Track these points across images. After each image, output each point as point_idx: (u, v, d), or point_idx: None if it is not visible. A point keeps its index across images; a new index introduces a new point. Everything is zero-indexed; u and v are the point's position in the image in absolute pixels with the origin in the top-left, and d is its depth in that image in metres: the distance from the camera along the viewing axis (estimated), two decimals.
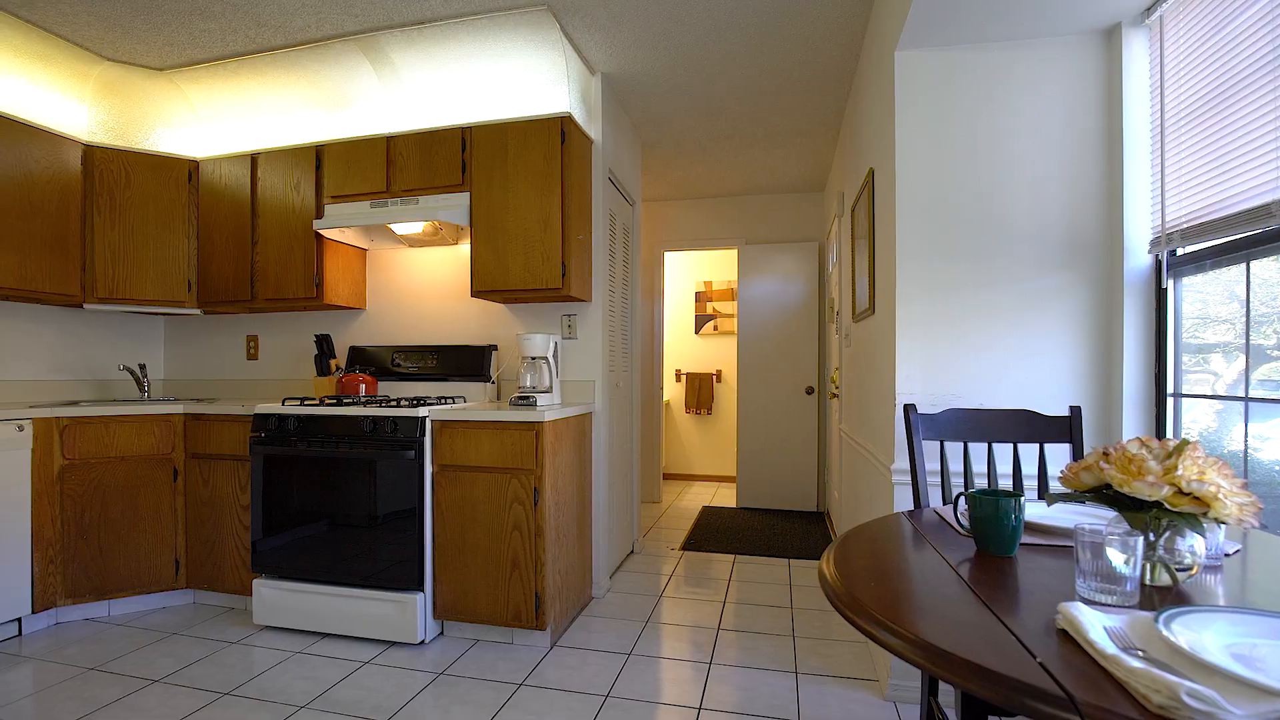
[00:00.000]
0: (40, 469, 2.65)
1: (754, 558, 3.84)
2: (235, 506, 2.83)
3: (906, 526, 1.38)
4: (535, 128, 2.73)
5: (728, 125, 3.77)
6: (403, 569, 2.51)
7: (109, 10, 2.60)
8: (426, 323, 3.30)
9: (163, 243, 3.21)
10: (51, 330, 3.26)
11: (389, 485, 2.52)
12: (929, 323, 2.10)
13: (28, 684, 2.25)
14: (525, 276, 2.75)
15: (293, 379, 3.53)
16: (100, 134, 3.14)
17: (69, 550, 2.72)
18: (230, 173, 3.20)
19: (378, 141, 2.94)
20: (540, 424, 2.42)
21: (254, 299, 3.17)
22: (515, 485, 2.44)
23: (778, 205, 5.30)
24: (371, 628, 2.54)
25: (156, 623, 2.79)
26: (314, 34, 2.76)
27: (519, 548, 2.45)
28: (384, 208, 2.89)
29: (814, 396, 5.07)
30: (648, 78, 3.16)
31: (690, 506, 5.30)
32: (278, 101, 3.15)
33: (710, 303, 6.48)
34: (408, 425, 2.50)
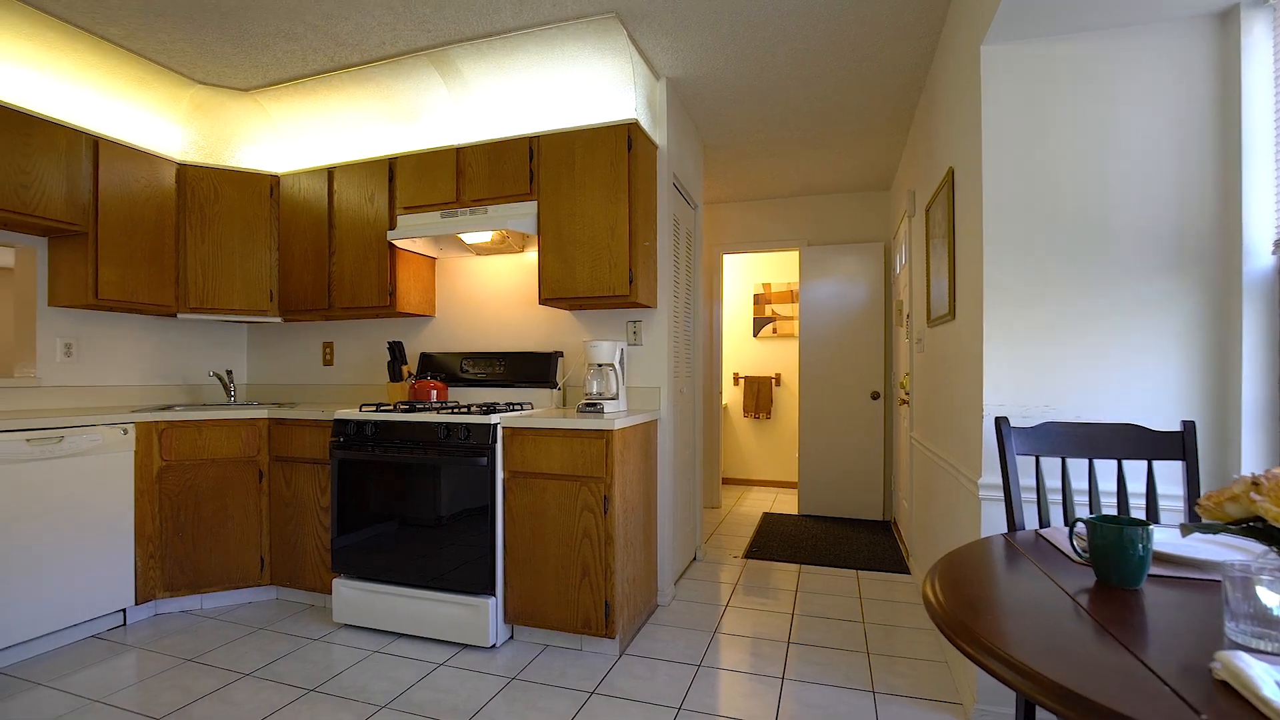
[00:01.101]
0: (142, 469, 2.81)
1: (819, 568, 3.74)
2: (315, 508, 2.94)
3: (1010, 551, 1.30)
4: (602, 135, 2.73)
5: (792, 125, 3.70)
6: (474, 573, 2.55)
7: (202, 37, 2.75)
8: (493, 329, 3.36)
9: (247, 255, 3.37)
10: (148, 338, 3.47)
11: (461, 490, 2.57)
12: (1019, 330, 1.99)
13: (133, 672, 2.39)
14: (592, 284, 2.76)
15: (366, 384, 3.65)
16: (192, 153, 3.32)
17: (166, 546, 2.88)
18: (309, 186, 3.33)
19: (448, 153, 3.00)
20: (610, 432, 2.42)
21: (331, 307, 3.29)
22: (585, 493, 2.45)
23: (841, 205, 5.17)
24: (444, 630, 2.60)
25: (244, 617, 2.93)
26: (388, 50, 2.85)
27: (589, 555, 2.46)
28: (454, 218, 2.95)
29: (879, 402, 4.92)
30: (712, 81, 3.12)
31: (750, 512, 5.22)
32: (352, 116, 3.26)
33: (769, 305, 6.38)
34: (480, 432, 2.54)
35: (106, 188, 2.93)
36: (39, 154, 2.69)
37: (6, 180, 2.58)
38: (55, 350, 3.05)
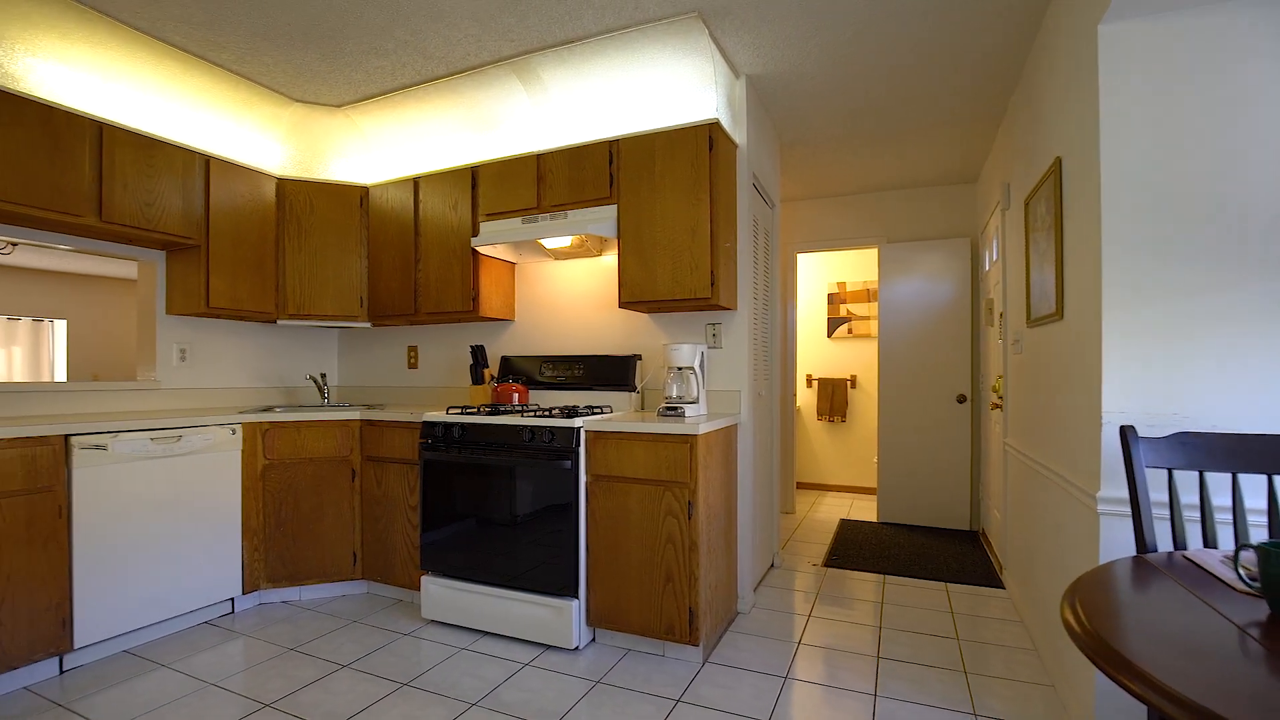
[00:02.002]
0: (248, 467, 2.99)
1: (905, 579, 3.59)
2: (405, 507, 3.04)
3: (1155, 574, 1.19)
4: (682, 136, 2.71)
5: (873, 119, 3.56)
6: (557, 575, 2.57)
7: (302, 57, 2.89)
8: (570, 333, 3.39)
9: (340, 263, 3.53)
10: (250, 343, 3.68)
11: (545, 492, 2.60)
12: (1142, 330, 1.83)
13: (243, 658, 2.54)
14: (673, 286, 2.73)
15: (448, 387, 3.76)
16: (290, 167, 3.51)
17: (269, 540, 3.05)
18: (396, 196, 3.46)
19: (528, 159, 3.05)
20: (695, 437, 2.39)
21: (416, 312, 3.40)
22: (669, 498, 2.43)
23: (922, 200, 4.95)
24: (528, 630, 2.63)
25: (339, 609, 3.06)
26: (473, 61, 2.92)
27: (672, 561, 2.44)
28: (535, 223, 3.00)
29: (966, 405, 4.68)
30: (792, 76, 3.04)
31: (826, 519, 5.08)
32: (435, 126, 3.36)
33: (844, 305, 6.20)
34: (564, 435, 2.56)
35: (216, 203, 3.13)
36: (160, 174, 2.90)
37: (133, 199, 2.80)
38: (172, 355, 3.29)
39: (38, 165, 2.50)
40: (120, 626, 2.51)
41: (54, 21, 2.53)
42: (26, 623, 2.24)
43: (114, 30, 2.65)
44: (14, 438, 2.22)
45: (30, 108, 2.49)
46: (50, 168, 2.54)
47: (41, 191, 2.52)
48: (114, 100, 2.80)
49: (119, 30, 2.66)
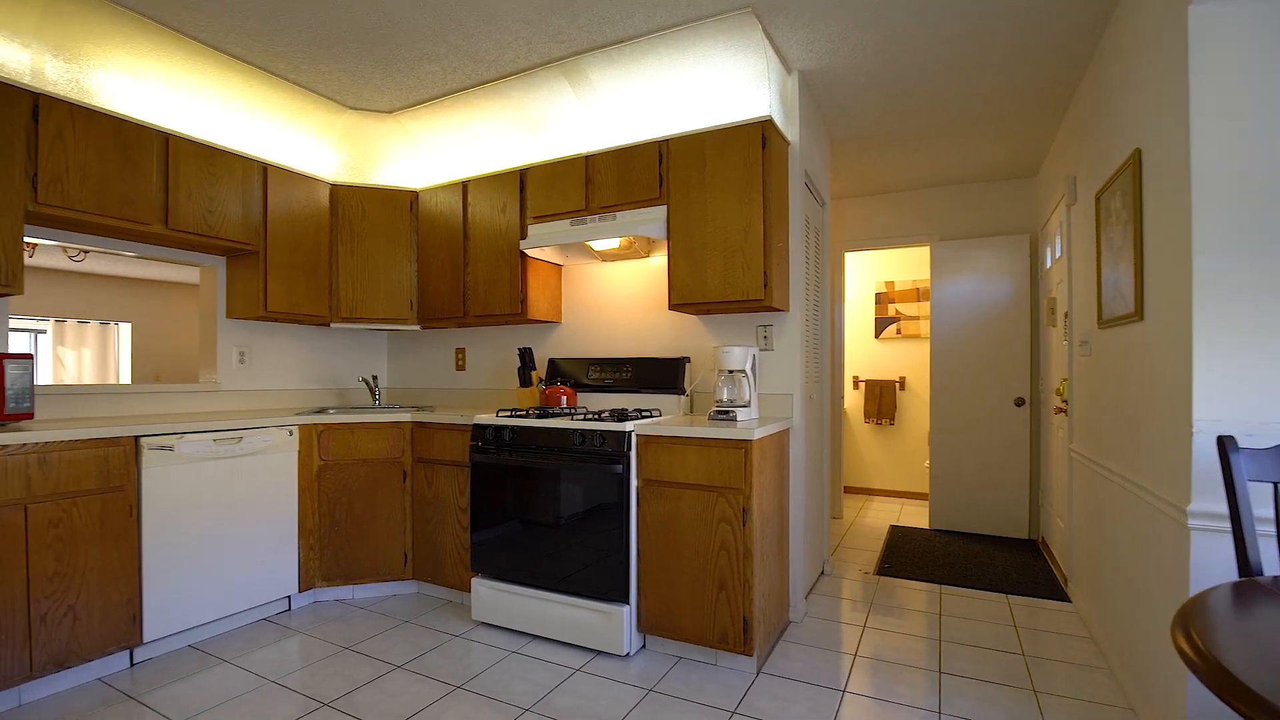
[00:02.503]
0: (304, 468, 3.05)
1: (962, 590, 3.46)
2: (455, 508, 3.06)
3: (1275, 600, 1.09)
4: (734, 135, 2.65)
5: (928, 112, 3.45)
6: (608, 580, 2.55)
7: (356, 65, 2.94)
8: (618, 335, 3.36)
9: (390, 267, 3.58)
10: (304, 346, 3.77)
11: (595, 496, 2.58)
12: (1238, 333, 1.71)
13: (300, 656, 2.58)
14: (724, 288, 2.68)
15: (495, 389, 3.77)
16: (343, 173, 3.58)
17: (324, 540, 3.11)
18: (445, 200, 3.49)
19: (577, 161, 3.03)
20: (750, 442, 2.33)
21: (465, 315, 3.43)
22: (723, 504, 2.38)
23: (977, 195, 4.78)
24: (578, 634, 2.62)
25: (390, 609, 3.10)
26: (522, 64, 2.92)
27: (726, 568, 2.39)
28: (583, 225, 2.98)
29: (1025, 409, 4.50)
30: (846, 70, 2.96)
31: (875, 525, 4.95)
32: (483, 129, 3.38)
33: (892, 304, 6.03)
34: (614, 439, 2.53)
35: (274, 209, 3.20)
36: (221, 182, 2.98)
37: (197, 207, 2.88)
38: (232, 358, 3.38)
39: (109, 176, 2.60)
40: (185, 622, 2.59)
41: (125, 36, 2.62)
42: (100, 617, 2.32)
43: (179, 43, 2.73)
44: (89, 439, 2.30)
45: (103, 121, 2.58)
46: (121, 178, 2.63)
47: (113, 202, 2.61)
48: (178, 110, 2.89)
49: (184, 43, 2.74)
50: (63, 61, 2.53)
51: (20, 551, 2.12)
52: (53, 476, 2.20)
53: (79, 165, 2.51)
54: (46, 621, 2.18)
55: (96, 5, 2.49)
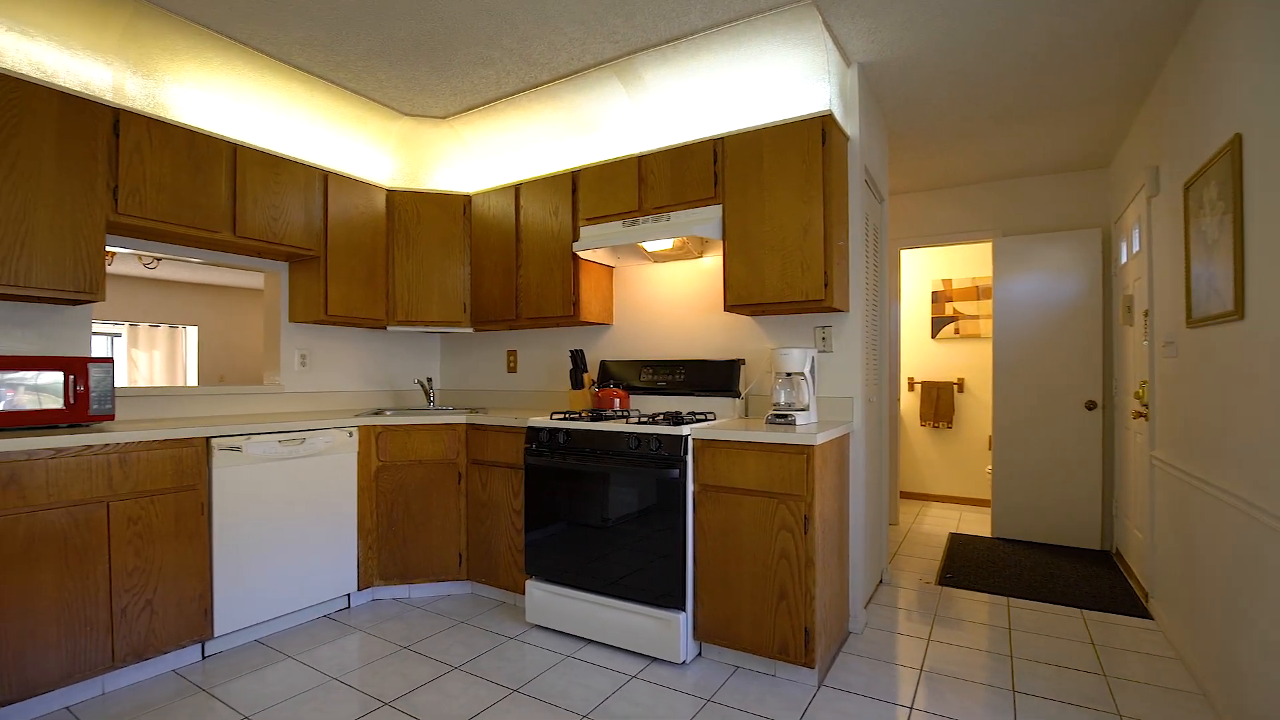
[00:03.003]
0: (363, 468, 3.11)
1: (1031, 603, 3.29)
2: (508, 510, 3.07)
3: None
4: (792, 131, 2.58)
5: (991, 103, 3.29)
6: (664, 587, 2.51)
7: (413, 72, 2.98)
8: (669, 337, 3.32)
9: (444, 270, 3.62)
10: (361, 349, 3.85)
11: (650, 501, 2.54)
12: None
13: (361, 654, 2.62)
14: (782, 288, 2.61)
15: (546, 390, 3.78)
16: (398, 179, 3.64)
17: (382, 539, 3.16)
18: (497, 204, 3.52)
19: (629, 162, 3.01)
20: (812, 448, 2.26)
21: (518, 318, 3.44)
22: (783, 511, 2.31)
23: (1043, 189, 4.56)
24: (633, 640, 2.58)
25: (445, 609, 3.13)
26: (575, 65, 2.91)
27: (786, 577, 2.32)
28: (636, 226, 2.95)
29: (1097, 412, 4.26)
30: (908, 62, 2.85)
31: (933, 532, 4.77)
32: (536, 132, 3.39)
33: (950, 303, 5.82)
34: (670, 443, 2.49)
35: (334, 215, 3.28)
36: (284, 190, 3.06)
37: (262, 215, 2.97)
38: (294, 361, 3.48)
39: (182, 186, 2.70)
40: (252, 618, 2.66)
41: (196, 51, 2.71)
42: (175, 611, 2.41)
43: (247, 56, 2.82)
44: (165, 439, 2.38)
45: (177, 133, 2.68)
46: (193, 188, 2.73)
47: (186, 210, 2.71)
48: (244, 121, 2.99)
49: (251, 56, 2.82)
50: (141, 77, 2.64)
51: (103, 547, 2.21)
52: (132, 475, 2.29)
53: (155, 176, 2.61)
54: (126, 614, 2.27)
55: (172, 23, 2.59)
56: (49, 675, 2.09)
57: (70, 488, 2.13)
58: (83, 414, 2.38)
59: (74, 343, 2.64)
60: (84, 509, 2.16)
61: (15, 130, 2.25)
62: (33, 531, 2.04)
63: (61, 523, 2.11)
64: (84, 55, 2.50)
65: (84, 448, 2.17)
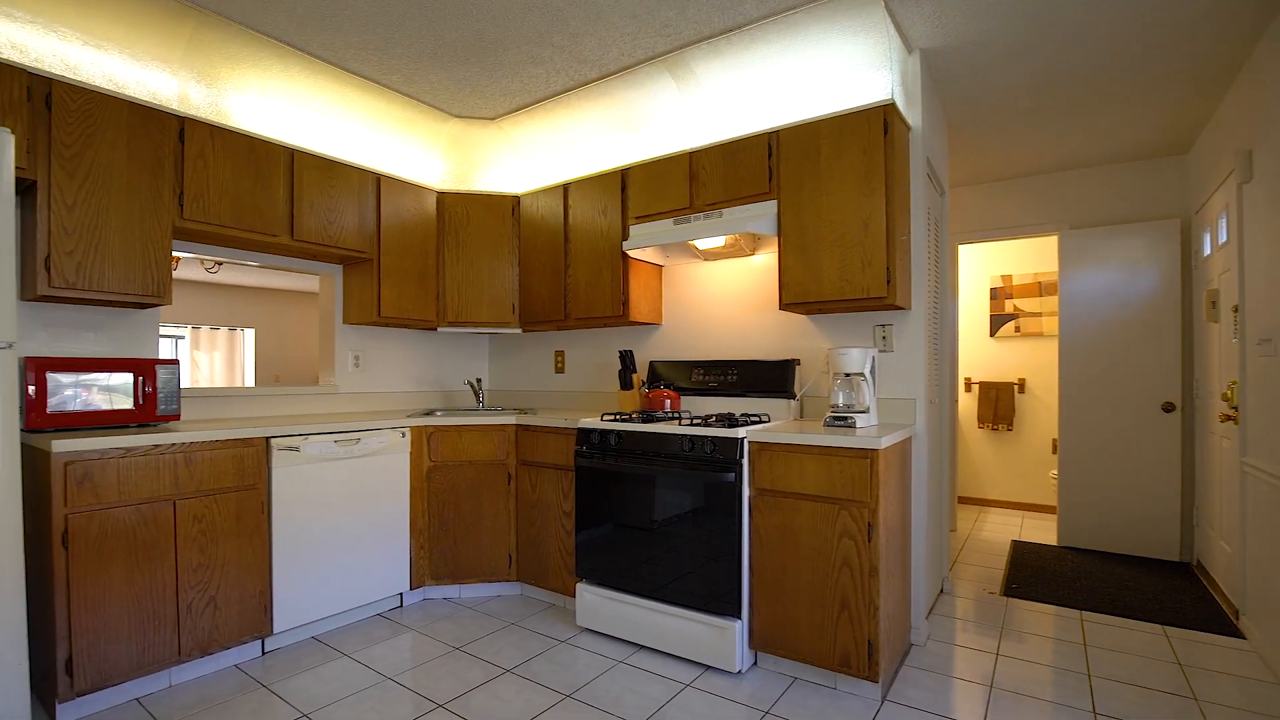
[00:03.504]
0: (415, 469, 3.13)
1: (1106, 617, 3.10)
2: (558, 512, 3.05)
3: None
4: (852, 122, 2.48)
5: (1064, 88, 3.12)
6: (719, 593, 2.44)
7: (463, 73, 2.99)
8: (721, 337, 3.25)
9: (493, 271, 3.63)
10: (412, 349, 3.89)
11: (705, 505, 2.48)
12: None
13: (414, 654, 2.63)
14: (841, 285, 2.52)
15: (594, 391, 3.75)
16: (449, 181, 3.67)
17: (434, 539, 3.18)
18: (545, 203, 3.50)
19: (680, 158, 2.95)
20: (876, 451, 2.16)
21: (566, 318, 3.42)
22: (845, 518, 2.22)
23: (1114, 178, 4.32)
24: (687, 647, 2.52)
25: (496, 609, 3.12)
26: (626, 61, 2.87)
27: (848, 586, 2.22)
28: (687, 224, 2.89)
29: (1175, 415, 4.01)
30: (973, 46, 2.71)
31: (994, 539, 4.57)
32: (584, 131, 3.36)
33: (1010, 300, 5.58)
34: (726, 446, 2.42)
35: (386, 218, 3.31)
36: (339, 193, 3.11)
37: (318, 218, 3.02)
38: (348, 362, 3.53)
39: (243, 191, 2.76)
40: (310, 615, 2.70)
41: (256, 59, 2.77)
42: (237, 607, 2.46)
43: (303, 62, 2.87)
44: (227, 439, 2.44)
45: (238, 140, 2.74)
46: (253, 193, 2.79)
47: (246, 215, 2.77)
48: (301, 126, 3.04)
49: (308, 62, 2.87)
50: (204, 86, 2.71)
51: (170, 544, 2.26)
52: (197, 474, 2.34)
53: (217, 182, 2.68)
54: (192, 610, 2.32)
55: (233, 32, 2.65)
56: (120, 667, 2.15)
57: (139, 486, 2.19)
58: (150, 414, 2.45)
59: (142, 345, 2.72)
60: (152, 507, 2.22)
61: (90, 141, 2.33)
62: (105, 528, 2.10)
63: (131, 520, 2.17)
64: (152, 66, 2.57)
65: (151, 447, 2.23)
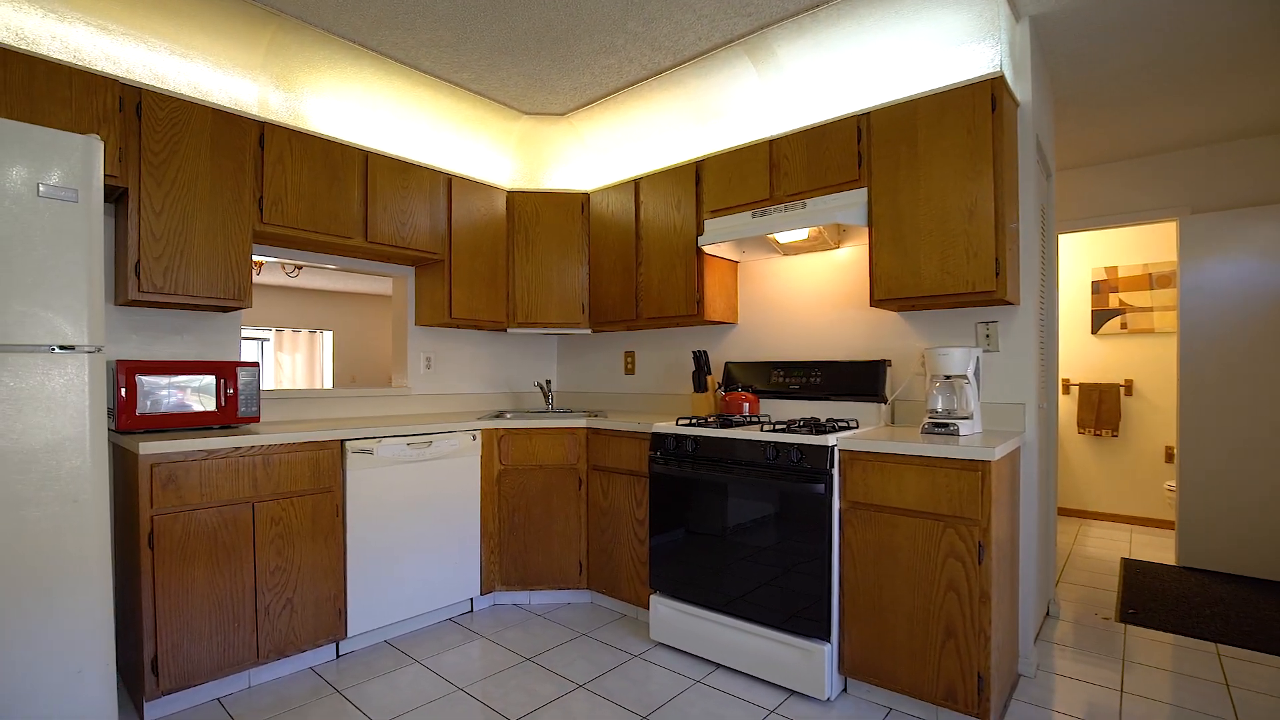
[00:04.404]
0: (486, 472, 3.08)
1: (1250, 653, 2.72)
2: (631, 520, 2.93)
3: None
4: (955, 99, 2.25)
5: (1191, 52, 2.76)
6: (805, 613, 2.26)
7: (534, 67, 2.92)
8: (801, 336, 3.05)
9: (563, 270, 3.55)
10: (483, 351, 3.86)
11: (789, 517, 2.30)
12: None
13: (484, 664, 2.57)
14: (941, 279, 2.29)
15: (665, 393, 3.62)
16: (518, 180, 3.62)
17: (504, 544, 3.12)
18: (616, 200, 3.40)
19: (759, 147, 2.78)
20: (988, 463, 1.94)
21: (637, 318, 3.30)
22: (951, 536, 2.00)
23: (1247, 155, 3.85)
24: (769, 669, 2.35)
25: (566, 618, 3.03)
26: (703, 45, 2.72)
27: (955, 613, 2.00)
28: (767, 216, 2.72)
29: None
30: (1088, 8, 2.42)
31: (1099, 556, 4.16)
32: (656, 124, 3.24)
33: (1114, 293, 5.10)
34: (815, 454, 2.24)
35: (457, 219, 3.29)
36: (411, 194, 3.09)
37: (391, 220, 3.01)
38: (420, 364, 3.53)
39: (320, 194, 2.77)
40: (382, 619, 2.68)
41: (332, 62, 2.78)
42: (313, 610, 2.45)
43: (377, 63, 2.86)
44: (305, 442, 2.43)
45: (315, 143, 2.75)
46: (329, 196, 2.80)
47: (322, 218, 2.78)
48: (374, 128, 3.04)
49: (381, 63, 2.87)
50: (282, 91, 2.74)
51: (249, 546, 2.27)
52: (274, 477, 2.35)
53: (295, 186, 2.69)
54: (269, 612, 2.33)
55: (311, 35, 2.66)
56: (203, 667, 2.16)
57: (220, 488, 2.20)
58: (232, 416, 2.48)
59: (225, 348, 2.78)
60: (232, 509, 2.23)
61: (176, 147, 2.37)
62: (188, 529, 2.12)
63: (213, 522, 2.18)
64: (234, 72, 2.61)
65: (233, 449, 2.24)
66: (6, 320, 1.68)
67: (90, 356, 1.81)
